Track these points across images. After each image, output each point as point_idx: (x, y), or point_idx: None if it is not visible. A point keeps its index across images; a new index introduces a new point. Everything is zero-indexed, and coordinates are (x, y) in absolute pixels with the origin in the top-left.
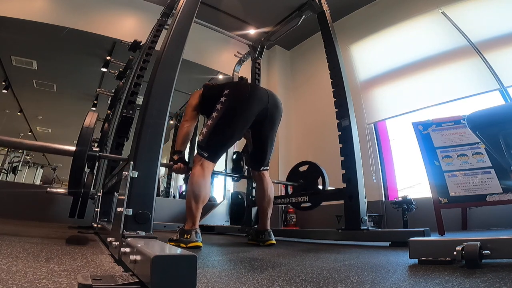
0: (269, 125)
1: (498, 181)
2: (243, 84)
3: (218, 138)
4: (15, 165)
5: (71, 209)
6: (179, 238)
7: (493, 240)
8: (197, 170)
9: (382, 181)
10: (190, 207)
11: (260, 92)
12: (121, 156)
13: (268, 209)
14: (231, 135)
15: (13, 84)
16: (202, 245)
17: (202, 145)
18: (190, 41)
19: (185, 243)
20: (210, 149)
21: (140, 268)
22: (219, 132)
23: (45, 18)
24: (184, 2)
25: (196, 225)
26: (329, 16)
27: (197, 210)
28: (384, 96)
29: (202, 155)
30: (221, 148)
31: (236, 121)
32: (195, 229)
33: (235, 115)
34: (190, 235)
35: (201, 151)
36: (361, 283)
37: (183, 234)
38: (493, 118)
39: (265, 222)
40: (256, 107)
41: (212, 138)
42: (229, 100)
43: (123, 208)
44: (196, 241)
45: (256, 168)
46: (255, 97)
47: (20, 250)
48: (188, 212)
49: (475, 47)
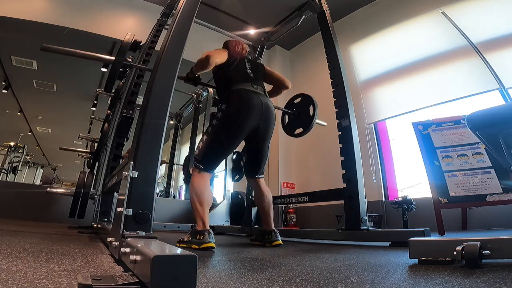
0: (262, 138)
1: (498, 181)
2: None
3: (213, 153)
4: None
5: (71, 209)
6: (190, 239)
7: (493, 240)
8: (196, 178)
9: (382, 181)
10: (196, 209)
11: (256, 108)
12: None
13: (269, 210)
14: (224, 150)
15: (13, 84)
16: (215, 246)
17: (198, 158)
18: (190, 41)
19: (198, 244)
20: (206, 163)
21: (140, 268)
22: (214, 148)
23: (45, 18)
24: (184, 2)
25: (207, 225)
26: (329, 16)
27: (203, 211)
28: (384, 96)
29: (198, 167)
30: (215, 162)
31: (229, 139)
32: (207, 229)
33: (229, 134)
34: (203, 236)
35: (197, 163)
36: (361, 283)
37: (196, 235)
38: (493, 118)
39: (269, 222)
40: (251, 123)
41: (207, 153)
42: (224, 118)
43: (123, 208)
44: (209, 242)
45: (251, 176)
46: (251, 114)
47: (20, 250)
48: (196, 214)
49: (475, 47)
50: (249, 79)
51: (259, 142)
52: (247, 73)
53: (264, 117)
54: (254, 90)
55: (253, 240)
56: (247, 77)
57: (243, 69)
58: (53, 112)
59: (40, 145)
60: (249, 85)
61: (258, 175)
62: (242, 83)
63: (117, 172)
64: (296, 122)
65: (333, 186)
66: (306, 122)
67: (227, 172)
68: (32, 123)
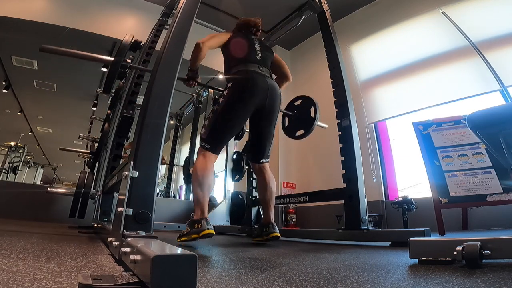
0: (267, 117)
1: (499, 181)
2: (245, 79)
3: (219, 131)
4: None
5: (71, 209)
6: (189, 230)
7: (493, 240)
8: (199, 160)
9: (382, 181)
10: (197, 196)
11: (261, 87)
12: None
13: (270, 201)
14: (230, 128)
15: (14, 84)
16: (214, 232)
17: (204, 137)
18: (190, 41)
19: (197, 232)
20: (212, 142)
21: (140, 268)
22: (220, 126)
23: (45, 18)
24: (184, 2)
25: (205, 213)
26: (329, 16)
27: (203, 198)
28: (384, 96)
29: (204, 147)
30: (221, 141)
31: (235, 115)
32: (205, 217)
33: (235, 110)
34: (200, 224)
35: (203, 143)
36: (361, 283)
37: (193, 224)
38: (493, 118)
39: (269, 214)
40: (256, 101)
41: (213, 131)
42: (230, 96)
43: (123, 208)
44: (208, 229)
45: (256, 160)
46: (256, 93)
47: (21, 250)
48: (196, 202)
49: (476, 47)
50: (256, 61)
51: (265, 121)
52: (256, 54)
53: (269, 98)
54: (260, 72)
55: (255, 236)
56: (255, 59)
57: (251, 49)
58: (53, 112)
59: (40, 145)
60: (255, 66)
61: (264, 159)
62: (249, 64)
63: (117, 172)
64: (297, 124)
65: (333, 186)
66: (307, 124)
67: (227, 172)
68: (33, 123)
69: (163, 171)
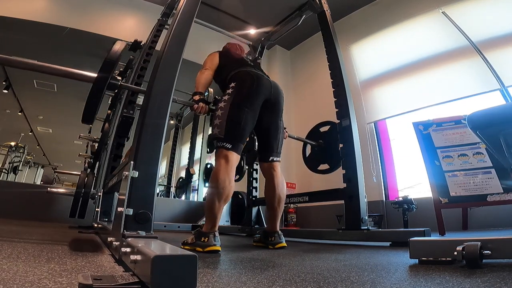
0: (273, 109)
1: (499, 181)
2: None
3: (237, 123)
4: (16, 165)
5: (71, 209)
6: (195, 242)
7: (493, 240)
8: (221, 165)
9: (382, 181)
10: (211, 207)
11: (265, 83)
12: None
13: (278, 208)
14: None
15: (14, 84)
16: (220, 249)
17: (221, 136)
18: (190, 41)
19: (202, 247)
20: (233, 139)
21: (140, 268)
22: (237, 118)
23: (45, 18)
24: (184, 2)
25: (216, 227)
26: (329, 16)
27: (219, 210)
28: (384, 96)
29: (225, 147)
30: (243, 135)
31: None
32: (214, 231)
33: (247, 96)
34: (207, 238)
35: (223, 143)
36: (362, 283)
37: (200, 237)
38: (493, 118)
39: (275, 223)
40: (264, 91)
41: (230, 126)
42: (239, 86)
43: (123, 208)
44: (214, 245)
45: (265, 158)
46: (261, 85)
47: (21, 250)
48: (209, 213)
49: (476, 47)
50: (252, 66)
51: (271, 117)
52: (248, 61)
53: (273, 92)
54: (259, 72)
55: (256, 241)
56: (248, 63)
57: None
58: (53, 112)
59: (40, 145)
60: (252, 67)
61: (274, 157)
62: (246, 66)
63: (118, 172)
64: (321, 156)
65: (333, 186)
66: (334, 157)
67: None
68: (33, 123)
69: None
